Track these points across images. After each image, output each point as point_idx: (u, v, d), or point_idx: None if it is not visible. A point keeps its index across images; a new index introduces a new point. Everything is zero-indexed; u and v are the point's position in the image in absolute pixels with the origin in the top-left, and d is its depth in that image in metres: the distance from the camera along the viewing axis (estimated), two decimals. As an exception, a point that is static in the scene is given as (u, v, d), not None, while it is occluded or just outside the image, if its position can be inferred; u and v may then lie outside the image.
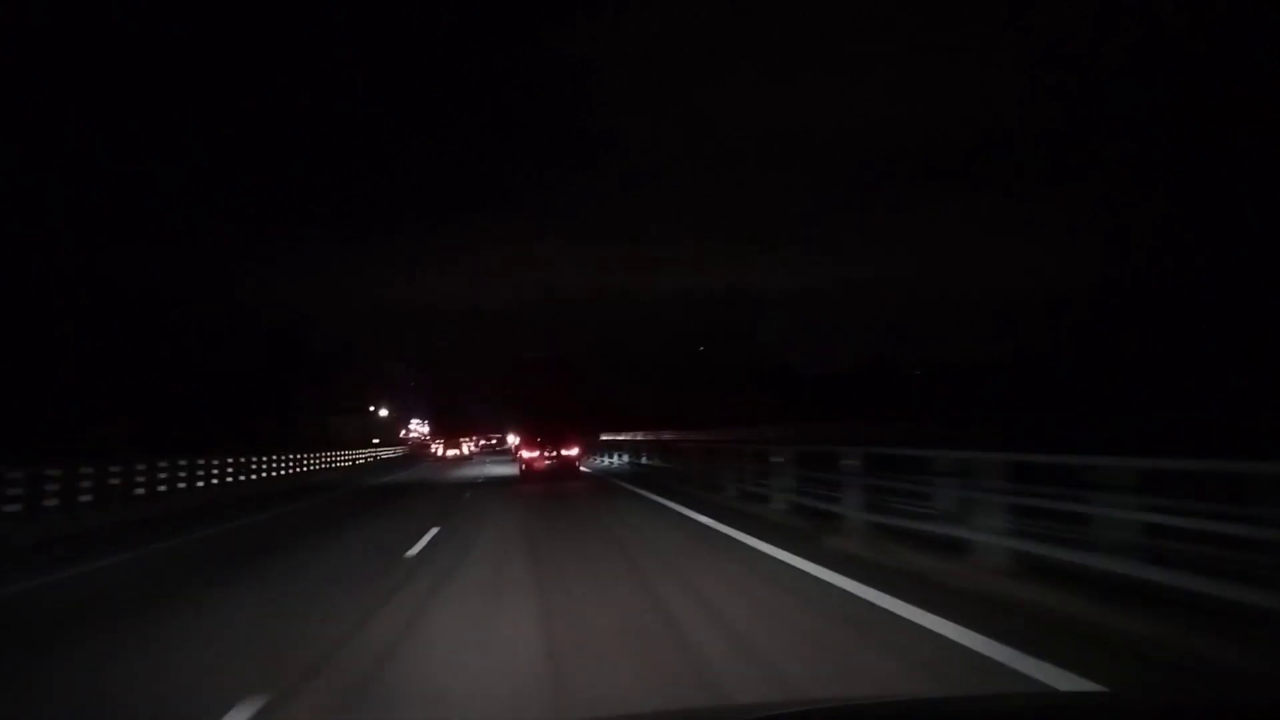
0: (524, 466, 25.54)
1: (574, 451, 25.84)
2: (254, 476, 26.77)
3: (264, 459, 28.31)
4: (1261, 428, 15.52)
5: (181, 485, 20.69)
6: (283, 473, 30.61)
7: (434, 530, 12.37)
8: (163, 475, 19.69)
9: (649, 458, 27.54)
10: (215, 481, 23.07)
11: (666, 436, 34.99)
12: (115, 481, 17.25)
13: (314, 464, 36.11)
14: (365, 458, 48.24)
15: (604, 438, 43.66)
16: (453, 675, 5.09)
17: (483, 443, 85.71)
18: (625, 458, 31.44)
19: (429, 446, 65.44)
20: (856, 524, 9.78)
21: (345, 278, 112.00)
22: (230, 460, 24.61)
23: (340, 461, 41.63)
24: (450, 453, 57.92)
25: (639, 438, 39.30)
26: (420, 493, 22.94)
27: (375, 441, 63.19)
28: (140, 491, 18.21)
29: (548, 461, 25.08)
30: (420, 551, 10.40)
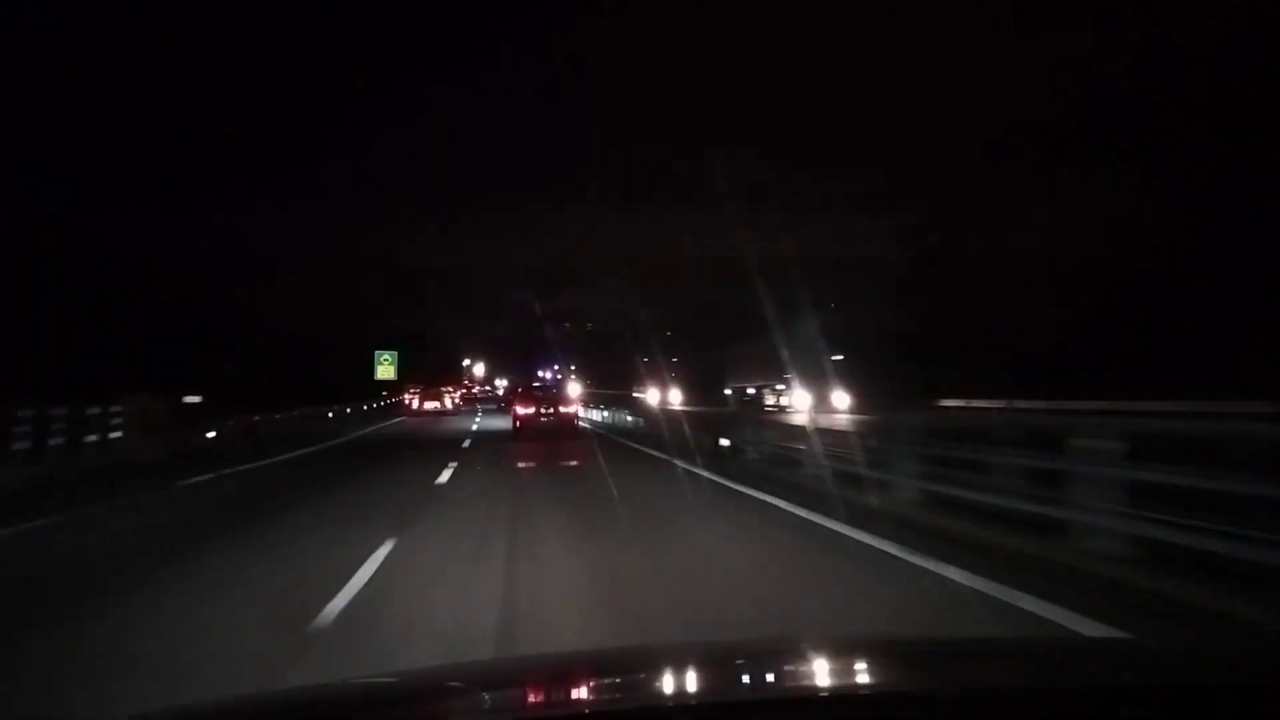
0: (518, 423, 24.21)
1: (572, 409, 25.25)
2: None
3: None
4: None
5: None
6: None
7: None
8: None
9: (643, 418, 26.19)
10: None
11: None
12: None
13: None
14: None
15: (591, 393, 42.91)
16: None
17: (476, 390, 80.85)
18: (628, 416, 29.27)
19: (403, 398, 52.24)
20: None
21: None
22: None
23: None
24: (428, 405, 47.82)
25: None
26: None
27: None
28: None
29: (544, 419, 23.99)
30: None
